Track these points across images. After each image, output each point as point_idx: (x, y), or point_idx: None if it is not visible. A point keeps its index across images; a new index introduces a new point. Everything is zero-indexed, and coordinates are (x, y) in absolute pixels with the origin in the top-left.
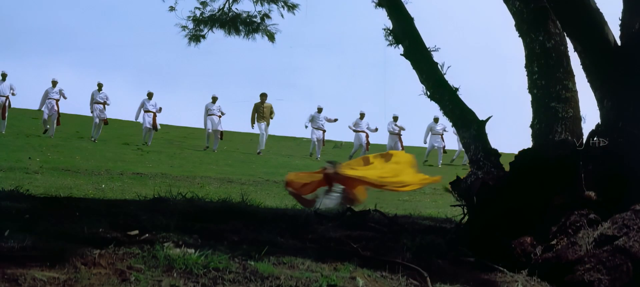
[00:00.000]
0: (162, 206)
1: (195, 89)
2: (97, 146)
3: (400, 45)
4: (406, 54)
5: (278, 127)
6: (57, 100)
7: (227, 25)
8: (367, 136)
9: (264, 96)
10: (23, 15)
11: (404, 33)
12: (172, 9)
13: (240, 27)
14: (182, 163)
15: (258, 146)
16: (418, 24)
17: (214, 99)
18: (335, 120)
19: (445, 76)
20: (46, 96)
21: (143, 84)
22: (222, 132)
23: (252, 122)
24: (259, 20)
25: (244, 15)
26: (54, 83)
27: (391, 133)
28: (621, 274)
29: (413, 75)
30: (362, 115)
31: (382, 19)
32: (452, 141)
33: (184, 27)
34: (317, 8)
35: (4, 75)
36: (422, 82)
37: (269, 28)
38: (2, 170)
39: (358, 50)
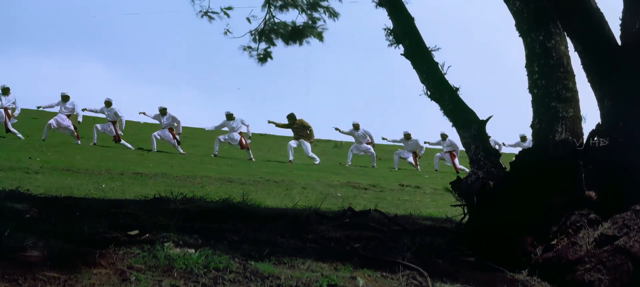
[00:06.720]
0: (162, 206)
1: (195, 87)
2: (97, 146)
3: (400, 45)
4: (406, 54)
5: (278, 128)
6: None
7: (286, 37)
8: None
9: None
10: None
11: (404, 33)
12: (226, 32)
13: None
14: (182, 163)
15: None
16: (418, 24)
17: (231, 116)
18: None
19: (445, 76)
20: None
21: (142, 81)
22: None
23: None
24: (311, 24)
25: (299, 23)
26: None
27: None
28: (621, 274)
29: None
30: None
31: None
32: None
33: (247, 48)
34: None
35: (5, 90)
36: (422, 82)
37: (318, 30)
38: (3, 170)
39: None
